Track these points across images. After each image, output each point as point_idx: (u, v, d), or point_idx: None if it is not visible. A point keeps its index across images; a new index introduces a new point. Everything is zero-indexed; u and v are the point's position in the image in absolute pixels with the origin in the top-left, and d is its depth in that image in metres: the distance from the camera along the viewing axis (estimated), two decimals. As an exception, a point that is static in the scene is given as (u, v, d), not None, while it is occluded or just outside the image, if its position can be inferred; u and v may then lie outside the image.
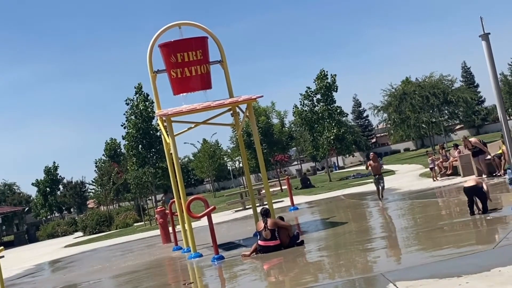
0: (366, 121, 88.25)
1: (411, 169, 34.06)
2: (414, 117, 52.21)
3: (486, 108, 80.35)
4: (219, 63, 14.96)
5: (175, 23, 14.38)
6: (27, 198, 75.21)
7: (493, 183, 16.58)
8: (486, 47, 9.63)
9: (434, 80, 53.92)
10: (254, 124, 14.58)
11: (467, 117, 70.18)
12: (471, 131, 78.87)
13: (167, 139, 13.98)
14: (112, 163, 49.17)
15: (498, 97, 10.19)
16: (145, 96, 39.14)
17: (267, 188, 14.68)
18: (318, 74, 41.71)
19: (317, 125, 41.70)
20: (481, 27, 9.49)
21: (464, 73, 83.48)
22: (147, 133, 38.77)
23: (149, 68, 14.42)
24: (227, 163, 68.05)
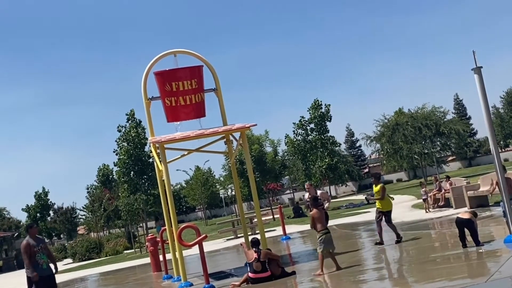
0: (359, 151, 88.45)
1: (404, 200, 34.01)
2: (407, 148, 52.41)
3: (478, 140, 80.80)
4: (214, 91, 15.00)
5: (171, 51, 14.45)
6: (17, 223, 74.43)
7: (485, 216, 16.57)
8: (478, 81, 9.73)
9: (426, 111, 54.31)
10: (248, 152, 14.57)
11: (459, 149, 70.55)
12: (463, 163, 79.14)
13: (159, 166, 13.93)
14: (104, 189, 48.91)
15: (490, 129, 10.26)
16: (137, 122, 39.15)
17: (259, 217, 14.59)
18: (312, 103, 42.02)
19: (310, 154, 41.78)
20: (474, 61, 9.60)
21: (457, 105, 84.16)
22: (139, 160, 38.68)
23: (144, 95, 14.43)
24: (219, 191, 67.84)
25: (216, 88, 14.95)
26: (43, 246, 10.85)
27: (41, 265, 10.64)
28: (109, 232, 51.32)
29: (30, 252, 10.56)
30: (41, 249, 10.74)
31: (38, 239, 11.02)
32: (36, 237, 10.98)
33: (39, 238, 11.14)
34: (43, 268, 10.68)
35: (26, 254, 10.56)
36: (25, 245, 10.63)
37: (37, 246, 10.67)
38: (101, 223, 42.35)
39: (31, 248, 10.60)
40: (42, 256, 10.70)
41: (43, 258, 10.73)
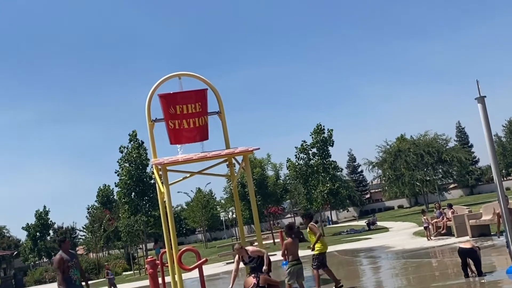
0: (360, 176, 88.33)
1: (405, 227, 33.86)
2: (409, 175, 52.33)
3: (480, 169, 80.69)
4: (217, 114, 15.05)
5: (175, 74, 14.53)
6: (16, 242, 74.16)
7: (487, 245, 16.46)
8: (482, 110, 9.76)
9: (428, 138, 54.38)
10: (250, 176, 14.55)
11: (461, 177, 70.42)
12: (465, 191, 78.87)
13: (161, 188, 13.90)
14: (104, 210, 48.77)
15: (493, 158, 10.25)
16: (140, 143, 39.19)
17: (260, 241, 14.50)
18: (315, 128, 42.00)
19: (312, 178, 41.69)
20: (477, 90, 9.64)
21: (459, 132, 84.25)
22: (140, 181, 38.60)
23: (147, 117, 14.47)
24: (220, 214, 67.58)
25: (219, 111, 14.99)
26: (76, 261, 10.43)
27: (74, 281, 10.23)
28: (108, 253, 51.05)
29: (63, 268, 10.15)
30: (74, 264, 10.33)
31: (71, 254, 10.56)
32: (69, 252, 10.54)
33: (72, 253, 10.65)
34: (76, 284, 10.28)
35: (59, 269, 10.16)
36: (58, 260, 10.22)
37: (70, 261, 10.27)
38: (100, 243, 42.15)
39: (65, 263, 10.19)
40: (75, 272, 10.30)
41: (77, 273, 10.32)
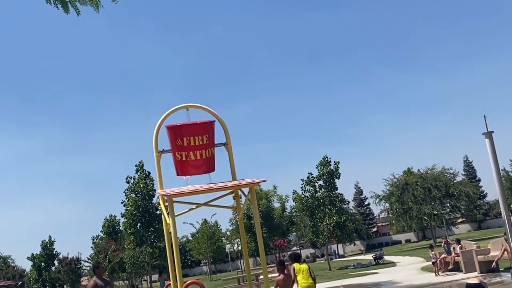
0: (367, 209, 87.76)
1: (413, 262, 33.47)
2: (416, 209, 52.00)
3: (488, 203, 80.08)
4: (224, 146, 15.08)
5: (183, 105, 14.62)
6: (21, 272, 73.77)
7: (495, 282, 16.24)
8: (489, 145, 9.75)
9: (436, 172, 54.20)
10: (256, 208, 14.48)
11: (468, 211, 69.90)
12: (472, 225, 78.14)
13: (167, 220, 13.84)
14: (109, 240, 48.57)
15: (501, 193, 10.19)
16: (146, 174, 39.25)
17: (265, 274, 14.34)
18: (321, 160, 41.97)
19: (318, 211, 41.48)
20: (485, 125, 9.65)
21: (466, 166, 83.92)
22: (146, 211, 38.55)
23: (155, 148, 14.51)
24: (226, 246, 67.15)
25: (226, 143, 15.03)
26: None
27: None
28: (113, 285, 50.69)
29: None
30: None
31: (106, 281, 10.42)
32: (103, 278, 10.40)
33: (106, 280, 10.48)
34: None
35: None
36: (93, 286, 10.12)
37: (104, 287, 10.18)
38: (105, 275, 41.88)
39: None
40: None
41: None
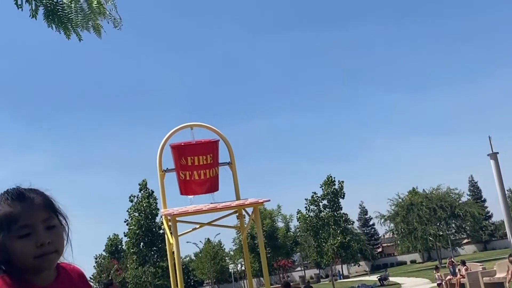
0: (372, 229, 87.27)
1: (418, 283, 33.17)
2: (421, 229, 51.69)
3: (493, 224, 79.55)
4: (228, 165, 15.05)
5: (188, 124, 14.61)
6: (22, 290, 73.45)
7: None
8: (494, 166, 9.70)
9: (441, 192, 53.98)
10: (260, 228, 14.35)
11: (474, 232, 69.43)
12: (478, 246, 77.56)
13: (170, 239, 13.75)
14: (112, 259, 48.37)
15: (506, 214, 10.11)
16: (150, 192, 39.19)
17: (269, 295, 14.22)
18: (325, 180, 41.84)
19: (322, 231, 41.26)
20: (490, 146, 9.61)
21: (471, 187, 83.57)
22: (149, 230, 38.40)
23: (158, 167, 14.48)
24: (229, 265, 66.78)
25: (230, 162, 15.00)
26: None
27: None
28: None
29: None
30: None
31: None
32: None
33: None
34: None
35: None
36: None
37: None
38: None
39: None
40: None
41: None
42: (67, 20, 3.35)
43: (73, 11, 3.36)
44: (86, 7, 3.45)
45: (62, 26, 3.38)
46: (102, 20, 3.55)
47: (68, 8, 3.35)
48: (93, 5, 3.45)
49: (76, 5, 3.40)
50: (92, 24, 3.50)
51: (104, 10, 3.49)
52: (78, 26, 3.45)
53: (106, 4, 3.57)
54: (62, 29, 3.42)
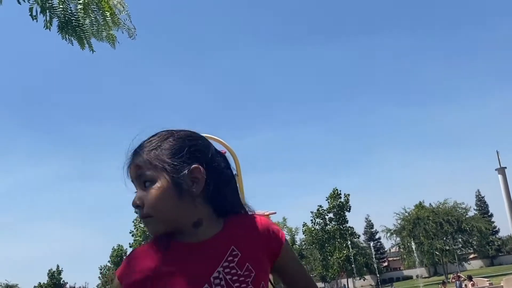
0: (378, 243, 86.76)
1: (424, 298, 32.92)
2: (428, 243, 51.41)
3: (500, 239, 78.97)
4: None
5: (194, 136, 14.68)
6: (27, 300, 73.35)
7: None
8: (502, 181, 9.66)
9: (448, 207, 53.75)
10: (265, 240, 14.36)
11: (481, 247, 68.98)
12: (484, 261, 76.92)
13: (176, 250, 13.77)
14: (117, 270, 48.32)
15: (515, 230, 10.03)
16: (157, 204, 39.33)
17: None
18: (331, 193, 41.76)
19: (328, 244, 41.08)
20: (498, 161, 9.58)
21: (478, 201, 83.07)
22: (155, 242, 38.46)
23: (165, 178, 14.52)
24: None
25: (236, 174, 15.00)
26: None
27: None
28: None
29: None
30: None
31: None
32: None
33: None
34: None
35: None
36: None
37: None
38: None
39: None
40: None
41: None
42: (81, 31, 3.37)
43: (88, 22, 3.39)
44: (100, 18, 3.48)
45: (76, 37, 3.42)
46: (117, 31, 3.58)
47: (83, 19, 3.38)
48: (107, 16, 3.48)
49: (91, 16, 3.44)
50: (106, 35, 3.54)
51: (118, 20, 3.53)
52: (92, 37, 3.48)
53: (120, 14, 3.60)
54: (76, 40, 3.45)
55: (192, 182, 1.42)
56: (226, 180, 1.50)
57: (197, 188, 1.42)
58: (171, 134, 1.48)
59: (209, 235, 1.44)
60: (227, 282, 1.37)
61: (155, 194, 1.41)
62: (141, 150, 1.46)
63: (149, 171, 1.43)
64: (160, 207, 1.41)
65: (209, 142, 1.54)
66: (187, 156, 1.44)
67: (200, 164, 1.44)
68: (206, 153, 1.49)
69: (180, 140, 1.47)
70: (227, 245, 1.42)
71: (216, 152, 1.53)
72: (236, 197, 1.52)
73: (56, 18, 3.48)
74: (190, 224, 1.44)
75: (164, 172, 1.42)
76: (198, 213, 1.44)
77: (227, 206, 1.49)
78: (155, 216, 1.42)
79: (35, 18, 3.51)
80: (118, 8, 3.57)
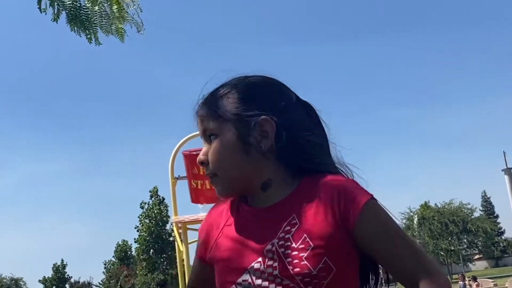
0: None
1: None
2: (433, 244, 51.30)
3: (506, 240, 78.73)
4: (240, 174, 15.07)
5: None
6: (31, 294, 73.65)
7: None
8: (509, 181, 9.62)
9: (453, 207, 53.59)
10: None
11: (486, 248, 68.77)
12: (490, 262, 76.70)
13: (180, 247, 13.75)
14: (121, 266, 48.44)
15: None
16: (161, 199, 39.29)
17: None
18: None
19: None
20: (504, 161, 9.54)
21: (484, 202, 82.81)
22: (159, 237, 38.46)
23: (170, 174, 14.49)
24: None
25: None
26: None
27: None
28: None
29: None
30: None
31: None
32: None
33: None
34: None
35: None
36: None
37: None
38: (115, 300, 41.65)
39: None
40: None
41: None
42: (90, 24, 3.37)
43: (97, 15, 3.39)
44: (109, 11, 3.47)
45: (84, 30, 3.42)
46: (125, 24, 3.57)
47: (92, 12, 3.38)
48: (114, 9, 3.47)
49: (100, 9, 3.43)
50: (115, 28, 3.53)
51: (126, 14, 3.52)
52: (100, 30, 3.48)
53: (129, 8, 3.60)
54: (84, 33, 3.45)
55: (260, 136, 1.23)
56: (306, 133, 1.26)
57: (266, 144, 1.22)
58: (240, 80, 1.30)
59: (276, 199, 1.24)
60: (279, 255, 1.17)
61: (218, 150, 1.24)
62: (206, 100, 1.30)
63: (213, 123, 1.25)
64: (225, 164, 1.24)
65: (287, 88, 1.33)
66: (256, 106, 1.24)
67: (272, 115, 1.23)
68: (280, 101, 1.27)
69: (249, 86, 1.28)
70: (289, 212, 1.21)
71: (297, 101, 1.31)
72: (319, 153, 1.27)
73: (65, 10, 3.48)
74: (258, 185, 1.25)
75: (229, 124, 1.23)
76: (267, 172, 1.25)
77: (305, 164, 1.25)
78: (221, 175, 1.25)
79: (44, 11, 3.52)
80: (126, 1, 3.57)
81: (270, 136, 1.22)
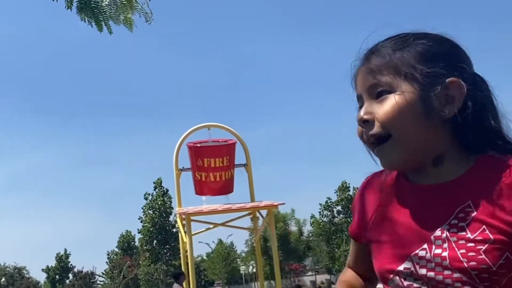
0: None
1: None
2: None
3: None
4: (244, 167, 15.07)
5: (205, 125, 14.67)
6: (35, 284, 74.05)
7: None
8: None
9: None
10: (273, 231, 14.38)
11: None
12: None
13: (184, 238, 13.81)
14: (125, 256, 48.62)
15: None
16: (165, 191, 39.37)
17: (280, 299, 14.18)
18: (340, 185, 41.73)
19: (335, 237, 41.12)
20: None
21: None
22: (163, 229, 38.58)
23: (175, 166, 14.56)
24: (240, 267, 66.72)
25: (246, 164, 15.02)
26: None
27: None
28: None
29: None
30: None
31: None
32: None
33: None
34: None
35: None
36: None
37: None
38: (119, 290, 41.85)
39: None
40: None
41: None
42: (99, 12, 3.38)
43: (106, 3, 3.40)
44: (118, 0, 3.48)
45: (94, 19, 3.42)
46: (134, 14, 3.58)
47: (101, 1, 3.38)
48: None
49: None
50: (124, 18, 3.54)
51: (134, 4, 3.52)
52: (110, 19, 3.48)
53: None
54: (94, 22, 3.45)
55: (445, 101, 1.04)
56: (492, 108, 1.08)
57: (450, 110, 1.03)
58: (424, 35, 1.09)
59: (448, 177, 1.06)
60: (450, 245, 1.00)
61: (394, 107, 1.03)
62: (379, 50, 1.09)
63: (388, 76, 1.05)
64: (405, 124, 1.03)
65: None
66: (444, 65, 1.05)
67: (461, 78, 1.04)
68: (469, 66, 1.09)
69: (437, 42, 1.08)
70: (464, 196, 1.03)
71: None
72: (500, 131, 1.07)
73: (76, 0, 3.48)
74: (430, 158, 1.07)
75: (411, 80, 1.04)
76: (442, 144, 1.06)
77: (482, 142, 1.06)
78: (397, 136, 1.04)
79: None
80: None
81: (457, 102, 1.04)
